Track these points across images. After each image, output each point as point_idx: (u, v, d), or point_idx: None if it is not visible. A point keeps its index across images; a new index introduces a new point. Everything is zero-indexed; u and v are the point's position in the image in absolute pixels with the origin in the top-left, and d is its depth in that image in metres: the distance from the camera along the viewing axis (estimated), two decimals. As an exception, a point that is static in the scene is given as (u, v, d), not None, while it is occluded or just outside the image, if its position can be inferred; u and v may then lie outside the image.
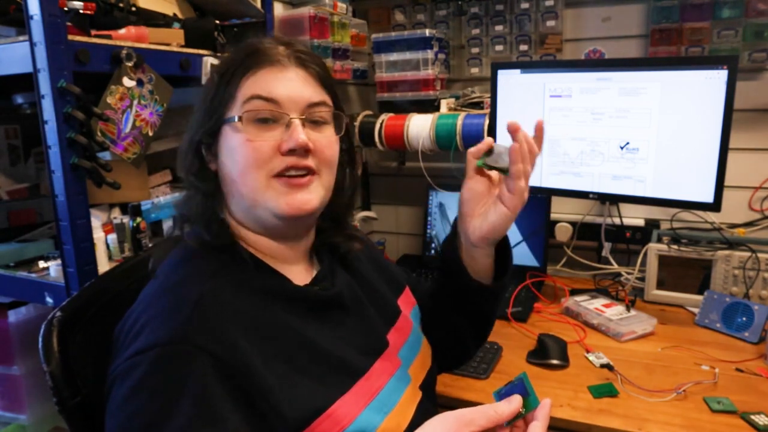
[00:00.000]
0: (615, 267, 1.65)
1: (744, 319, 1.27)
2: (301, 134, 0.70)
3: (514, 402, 0.63)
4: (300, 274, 0.78)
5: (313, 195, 0.72)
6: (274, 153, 0.70)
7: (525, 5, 1.68)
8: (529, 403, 0.65)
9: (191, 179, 0.75)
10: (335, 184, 0.78)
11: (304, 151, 0.71)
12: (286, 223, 0.73)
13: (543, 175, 1.53)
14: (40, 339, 0.69)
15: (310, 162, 0.72)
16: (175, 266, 0.72)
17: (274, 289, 0.72)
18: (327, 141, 0.74)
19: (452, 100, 1.73)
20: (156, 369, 0.59)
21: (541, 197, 1.64)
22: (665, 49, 1.56)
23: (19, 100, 1.20)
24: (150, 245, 1.15)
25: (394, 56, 1.72)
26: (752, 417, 0.95)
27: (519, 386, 0.66)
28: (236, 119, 0.70)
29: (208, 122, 0.73)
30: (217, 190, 0.75)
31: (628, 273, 1.61)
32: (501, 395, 0.66)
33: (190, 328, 0.61)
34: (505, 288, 0.88)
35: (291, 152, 0.70)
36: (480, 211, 0.81)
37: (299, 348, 0.68)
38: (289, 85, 0.72)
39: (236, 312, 0.66)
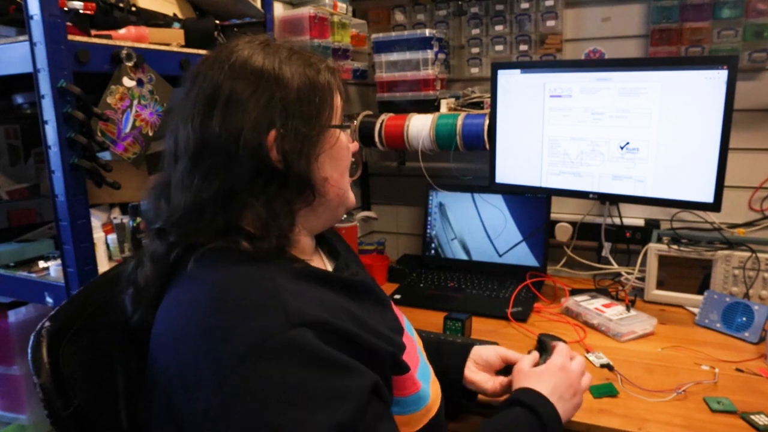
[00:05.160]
0: (615, 267, 1.65)
1: (744, 319, 1.27)
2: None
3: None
4: (321, 267, 0.81)
5: None
6: None
7: (525, 5, 1.68)
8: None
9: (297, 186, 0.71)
10: None
11: None
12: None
13: (543, 175, 1.53)
14: (30, 350, 0.68)
15: None
16: (228, 269, 0.66)
17: (320, 276, 0.72)
18: None
19: (452, 100, 1.73)
20: (279, 363, 0.57)
21: (541, 197, 1.64)
22: (665, 49, 1.56)
23: (19, 100, 1.20)
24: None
25: (394, 56, 1.72)
26: (752, 417, 0.95)
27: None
28: (346, 126, 0.78)
29: (316, 125, 0.72)
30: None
31: (628, 273, 1.61)
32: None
33: (289, 312, 0.60)
34: None
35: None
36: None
37: (358, 326, 0.69)
38: None
39: (312, 296, 0.66)
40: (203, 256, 0.67)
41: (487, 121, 1.58)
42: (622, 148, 1.40)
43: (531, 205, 1.65)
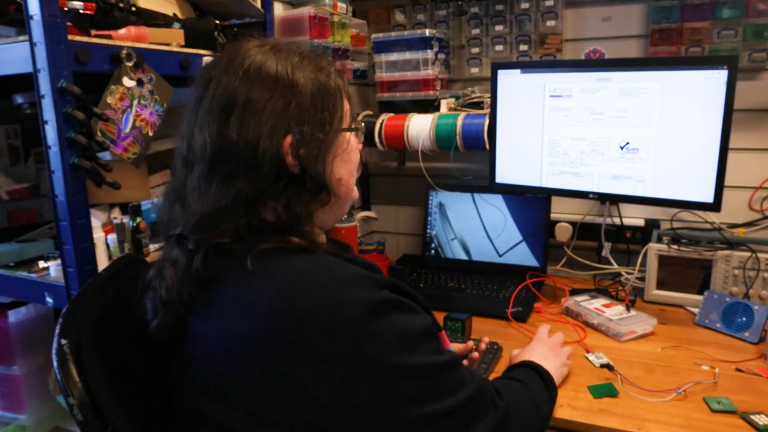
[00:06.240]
0: (615, 267, 1.65)
1: (744, 319, 1.27)
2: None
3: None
4: None
5: None
6: None
7: (525, 5, 1.68)
8: None
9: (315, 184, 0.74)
10: None
11: None
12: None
13: (543, 175, 1.53)
14: (57, 372, 0.65)
15: None
16: (301, 260, 0.69)
17: (355, 261, 0.79)
18: None
19: (452, 100, 1.73)
20: (387, 317, 0.66)
21: (541, 197, 1.64)
22: (665, 49, 1.56)
23: (19, 100, 1.20)
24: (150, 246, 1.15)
25: (394, 56, 1.72)
26: (752, 417, 0.95)
27: None
28: (357, 129, 0.82)
29: (329, 130, 0.76)
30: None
31: (628, 273, 1.61)
32: None
33: (374, 279, 0.68)
34: None
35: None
36: None
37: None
38: None
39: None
40: (262, 256, 0.67)
41: (487, 121, 1.58)
42: (622, 148, 1.40)
43: (531, 205, 1.65)
